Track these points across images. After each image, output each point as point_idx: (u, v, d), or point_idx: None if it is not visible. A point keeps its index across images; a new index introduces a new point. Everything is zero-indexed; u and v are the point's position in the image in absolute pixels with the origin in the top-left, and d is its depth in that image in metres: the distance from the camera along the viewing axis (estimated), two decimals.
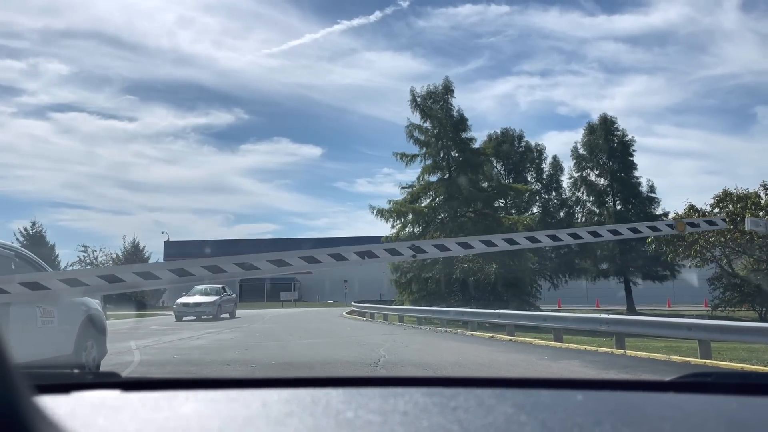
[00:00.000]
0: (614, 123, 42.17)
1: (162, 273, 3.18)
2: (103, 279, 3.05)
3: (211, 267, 3.37)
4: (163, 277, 3.18)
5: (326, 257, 3.46)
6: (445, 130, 32.55)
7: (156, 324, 23.09)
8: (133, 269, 3.05)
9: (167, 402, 1.14)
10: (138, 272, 3.10)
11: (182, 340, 14.63)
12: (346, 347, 12.66)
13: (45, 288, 3.07)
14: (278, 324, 22.32)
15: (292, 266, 3.68)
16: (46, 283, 3.08)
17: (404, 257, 3.93)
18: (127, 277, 3.10)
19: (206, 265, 3.35)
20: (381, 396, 1.14)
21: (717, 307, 28.66)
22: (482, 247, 4.18)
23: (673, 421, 1.06)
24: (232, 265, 3.44)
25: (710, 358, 10.05)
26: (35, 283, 3.12)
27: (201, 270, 3.32)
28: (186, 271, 3.27)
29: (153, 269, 3.16)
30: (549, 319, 14.90)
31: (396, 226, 32.78)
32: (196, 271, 3.32)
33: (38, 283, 3.10)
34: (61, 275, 3.27)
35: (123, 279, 3.09)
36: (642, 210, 41.26)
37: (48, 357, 6.91)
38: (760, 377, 1.41)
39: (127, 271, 3.00)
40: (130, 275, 3.08)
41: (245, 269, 3.48)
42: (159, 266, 3.10)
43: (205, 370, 8.98)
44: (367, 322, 25.16)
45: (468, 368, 9.31)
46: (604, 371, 8.81)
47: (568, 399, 1.17)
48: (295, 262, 3.67)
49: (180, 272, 3.25)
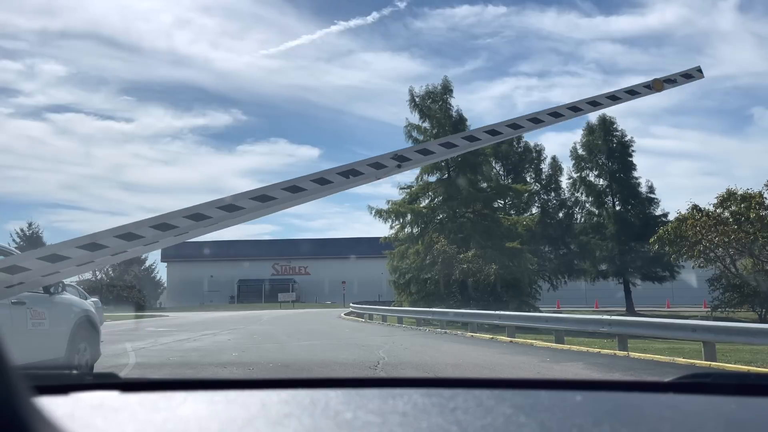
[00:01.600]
0: (613, 124, 42.18)
1: (144, 231, 3.05)
2: (83, 248, 2.90)
3: (194, 216, 3.23)
4: (147, 235, 3.04)
5: (311, 184, 3.30)
6: (444, 130, 32.52)
7: (153, 325, 23.07)
8: (113, 234, 2.88)
9: (166, 403, 1.14)
10: (119, 235, 2.96)
11: (179, 341, 14.61)
12: (345, 349, 12.65)
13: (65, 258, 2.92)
14: (276, 325, 22.31)
15: (277, 199, 3.49)
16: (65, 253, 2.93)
17: (389, 168, 3.79)
18: (108, 242, 2.95)
19: (188, 215, 3.18)
20: (380, 397, 1.13)
21: (717, 308, 28.67)
22: (466, 144, 3.99)
23: (672, 421, 1.06)
24: (215, 209, 3.27)
25: (715, 359, 9.98)
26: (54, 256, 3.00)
27: (184, 221, 3.16)
28: (169, 225, 3.13)
29: (134, 229, 3.01)
30: (550, 321, 14.86)
31: (395, 226, 32.78)
32: (179, 222, 3.16)
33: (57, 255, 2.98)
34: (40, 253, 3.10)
35: (105, 245, 2.94)
36: (641, 211, 41.28)
37: (39, 360, 6.85)
38: (759, 378, 1.41)
39: (107, 236, 2.85)
40: (112, 239, 2.93)
41: (230, 211, 3.30)
42: (139, 224, 2.93)
43: (202, 372, 8.97)
44: (366, 323, 25.15)
45: (469, 370, 9.30)
46: (607, 373, 8.77)
47: (566, 400, 1.17)
48: (280, 194, 3.50)
49: (163, 227, 3.11)
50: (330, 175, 3.60)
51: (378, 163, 3.77)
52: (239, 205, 3.28)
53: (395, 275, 31.65)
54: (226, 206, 3.28)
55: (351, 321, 26.69)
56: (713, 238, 23.56)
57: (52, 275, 2.78)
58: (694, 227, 23.89)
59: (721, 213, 24.40)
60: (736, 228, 23.32)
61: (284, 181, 3.50)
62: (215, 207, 3.18)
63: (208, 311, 43.18)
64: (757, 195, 24.01)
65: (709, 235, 23.50)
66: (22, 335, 6.66)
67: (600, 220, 41.43)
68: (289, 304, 50.63)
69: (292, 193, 3.52)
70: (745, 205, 23.73)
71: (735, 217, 23.93)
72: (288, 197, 3.43)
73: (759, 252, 23.78)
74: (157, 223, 2.99)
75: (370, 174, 3.70)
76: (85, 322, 7.95)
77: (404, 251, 31.22)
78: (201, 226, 3.19)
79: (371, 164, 3.71)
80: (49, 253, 3.00)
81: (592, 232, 41.02)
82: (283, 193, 3.41)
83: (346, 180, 3.63)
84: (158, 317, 33.18)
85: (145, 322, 27.25)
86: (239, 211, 3.25)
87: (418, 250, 30.31)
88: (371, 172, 3.69)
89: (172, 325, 23.39)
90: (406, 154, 3.91)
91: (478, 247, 28.80)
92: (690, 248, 24.65)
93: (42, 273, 2.97)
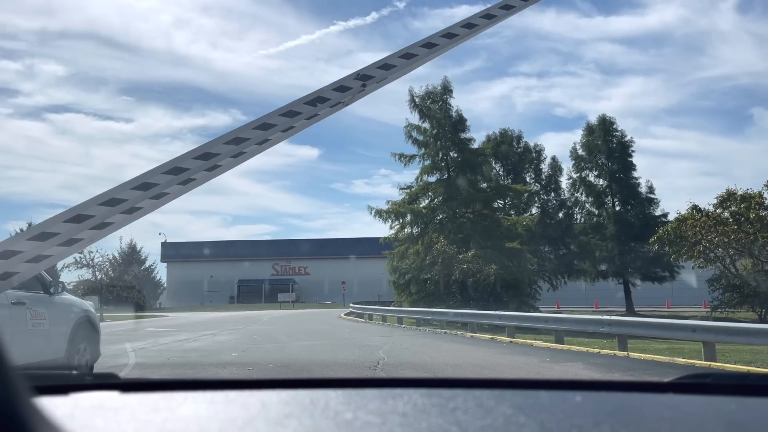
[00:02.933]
0: (613, 124, 42.20)
1: (126, 194, 2.96)
2: (70, 222, 2.84)
3: (173, 170, 3.13)
4: (131, 198, 2.96)
5: (279, 118, 3.18)
6: (444, 131, 32.57)
7: (152, 326, 23.07)
8: (97, 202, 2.81)
9: (166, 403, 1.14)
10: (103, 202, 2.89)
11: (179, 342, 14.61)
12: (345, 349, 12.66)
13: None
14: (276, 326, 22.31)
15: (251, 139, 3.38)
16: None
17: (353, 90, 3.73)
18: (94, 211, 2.88)
19: (167, 170, 3.08)
20: (380, 397, 1.14)
21: (716, 308, 28.68)
22: (425, 52, 3.84)
23: (672, 421, 1.06)
24: (191, 161, 3.15)
25: (715, 360, 9.98)
26: None
27: (164, 177, 3.05)
28: (150, 184, 3.04)
29: (116, 193, 2.92)
30: (550, 321, 14.86)
31: (395, 227, 32.80)
32: (160, 179, 3.06)
33: None
34: None
35: (91, 214, 2.87)
36: (641, 211, 41.29)
37: (39, 360, 6.85)
38: (759, 378, 1.41)
39: (92, 205, 2.78)
40: (96, 207, 2.86)
41: (206, 160, 3.20)
42: (121, 188, 2.84)
43: (202, 372, 8.97)
44: (366, 323, 25.15)
45: (469, 371, 9.30)
46: (607, 373, 8.78)
47: (566, 400, 1.18)
48: (252, 134, 3.38)
49: (144, 186, 3.02)
50: (297, 106, 3.48)
51: (342, 86, 3.72)
52: (214, 152, 3.16)
53: (395, 275, 31.66)
54: (202, 155, 3.15)
55: (351, 321, 26.69)
56: (713, 239, 23.56)
57: (48, 259, 2.73)
58: (694, 227, 23.91)
59: (721, 213, 24.41)
60: (735, 228, 23.33)
61: (254, 120, 3.36)
62: (191, 158, 3.07)
63: (207, 311, 43.19)
64: (756, 195, 24.02)
65: (709, 235, 23.51)
66: (22, 335, 6.65)
67: (600, 221, 41.44)
68: (289, 304, 50.63)
69: (264, 131, 3.35)
70: (744, 206, 23.74)
71: (735, 218, 23.94)
72: (259, 135, 3.29)
73: (759, 252, 23.79)
74: (137, 183, 2.92)
75: (336, 98, 3.61)
76: (85, 323, 7.95)
77: (404, 251, 31.23)
78: (203, 168, 3.08)
79: (335, 88, 3.66)
80: (37, 232, 2.94)
81: (592, 233, 41.03)
82: (255, 132, 3.28)
83: (313, 108, 3.53)
84: (158, 317, 33.18)
85: (145, 322, 27.25)
86: (215, 158, 3.14)
87: (417, 250, 30.32)
88: (336, 96, 3.61)
89: (171, 325, 23.39)
90: (368, 72, 3.89)
91: (477, 248, 28.80)
92: (690, 248, 24.66)
93: (35, 254, 2.92)
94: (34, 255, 2.87)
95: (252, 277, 64.52)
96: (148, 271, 61.77)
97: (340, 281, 58.26)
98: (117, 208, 3.09)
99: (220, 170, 3.34)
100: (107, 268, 46.93)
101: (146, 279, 58.87)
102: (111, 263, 51.11)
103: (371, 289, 50.84)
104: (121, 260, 55.90)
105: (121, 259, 56.26)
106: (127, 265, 54.76)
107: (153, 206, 3.14)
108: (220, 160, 3.38)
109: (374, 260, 47.55)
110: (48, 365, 6.76)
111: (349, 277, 58.39)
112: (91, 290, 39.35)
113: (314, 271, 65.54)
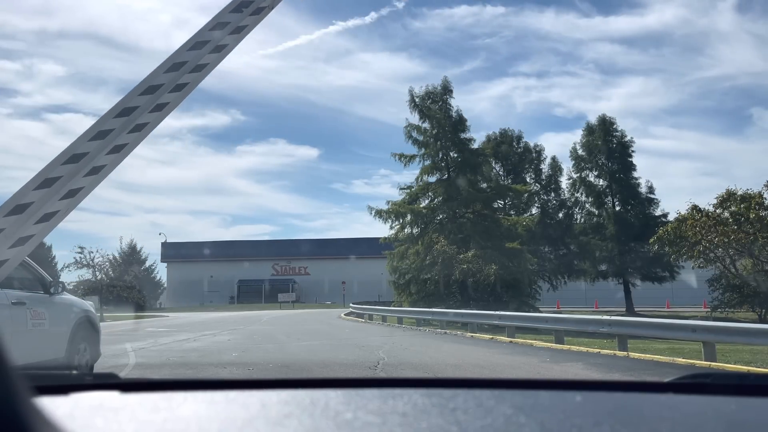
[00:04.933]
0: (613, 124, 42.18)
1: (85, 147, 2.88)
2: (40, 188, 2.78)
3: (99, 133, 3.06)
4: (90, 150, 2.88)
5: (164, 77, 3.05)
6: (444, 131, 32.57)
7: (152, 326, 23.07)
8: (59, 162, 2.74)
9: (166, 403, 1.14)
10: (66, 160, 2.84)
11: (179, 342, 14.61)
12: (345, 349, 12.65)
13: None
14: (276, 326, 22.31)
15: (170, 104, 3.27)
16: None
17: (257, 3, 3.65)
18: (60, 171, 2.82)
19: (92, 137, 3.01)
20: (380, 397, 1.14)
21: (716, 308, 28.68)
22: None
23: (672, 421, 1.06)
24: (147, 115, 3.05)
25: (715, 360, 9.98)
26: None
27: (91, 144, 2.95)
28: (79, 155, 2.97)
29: (76, 148, 2.85)
30: (550, 321, 14.85)
31: (395, 227, 32.79)
32: (87, 147, 2.97)
33: None
34: None
35: (58, 175, 2.82)
36: (641, 211, 41.28)
37: (39, 360, 6.85)
38: (758, 378, 1.41)
39: (55, 165, 2.71)
40: (60, 167, 2.81)
41: (139, 131, 3.09)
42: (78, 142, 2.75)
43: (202, 372, 8.97)
44: (366, 323, 25.15)
45: (469, 371, 9.30)
46: (607, 373, 8.78)
47: (566, 400, 1.18)
48: (171, 98, 3.28)
49: (100, 135, 2.93)
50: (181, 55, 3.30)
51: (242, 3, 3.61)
52: (143, 122, 3.09)
53: (395, 275, 31.66)
54: (131, 123, 3.02)
55: (351, 321, 26.69)
56: (713, 239, 23.56)
57: (31, 239, 2.71)
58: (694, 227, 23.91)
59: (721, 213, 24.39)
60: (735, 228, 23.32)
61: (164, 64, 3.16)
62: (147, 111, 2.98)
63: (208, 311, 43.19)
64: (756, 195, 24.01)
65: (709, 235, 23.50)
66: (22, 335, 6.65)
67: (600, 221, 41.42)
68: (289, 304, 50.62)
69: (150, 94, 3.21)
70: (744, 206, 23.73)
71: (735, 218, 23.92)
72: (172, 81, 3.15)
73: (759, 252, 23.79)
74: (69, 155, 2.87)
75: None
76: (85, 323, 7.95)
77: (404, 252, 31.23)
78: (149, 109, 2.95)
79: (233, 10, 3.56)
80: (12, 206, 2.89)
81: (592, 233, 41.02)
82: (167, 76, 3.19)
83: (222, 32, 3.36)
84: (158, 317, 33.18)
85: (145, 322, 27.25)
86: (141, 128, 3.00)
87: (417, 250, 30.32)
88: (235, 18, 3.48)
89: (171, 325, 23.39)
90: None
91: (477, 248, 28.80)
92: (690, 248, 24.66)
93: (15, 230, 2.87)
94: (15, 236, 2.84)
95: (252, 277, 64.52)
96: (148, 271, 61.78)
97: (340, 281, 58.26)
98: (80, 165, 3.06)
99: (167, 109, 3.20)
100: (107, 269, 46.92)
101: (146, 279, 58.87)
102: (111, 263, 51.10)
103: (371, 289, 50.85)
104: (122, 260, 55.90)
105: (122, 259, 56.25)
106: (128, 265, 54.76)
107: (114, 161, 3.09)
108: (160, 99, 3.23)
109: (374, 260, 47.55)
110: (48, 365, 6.76)
111: (349, 277, 58.39)
112: (91, 290, 39.32)
113: (314, 271, 65.54)
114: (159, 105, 3.15)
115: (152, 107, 3.11)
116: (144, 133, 3.23)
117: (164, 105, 3.23)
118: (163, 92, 3.14)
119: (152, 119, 3.20)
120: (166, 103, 3.23)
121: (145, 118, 3.07)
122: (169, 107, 3.26)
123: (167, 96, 3.14)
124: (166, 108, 3.24)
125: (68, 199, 3.08)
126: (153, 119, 3.21)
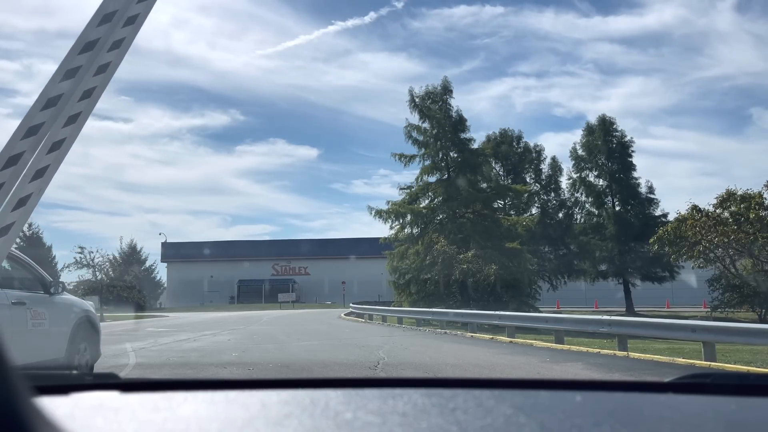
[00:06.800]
0: (613, 124, 42.19)
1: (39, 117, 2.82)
2: (5, 169, 2.76)
3: (32, 129, 3.00)
4: (61, 134, 2.86)
5: (81, 58, 2.97)
6: (444, 131, 32.57)
7: (153, 326, 23.07)
8: (17, 138, 2.74)
9: (166, 403, 1.14)
10: (23, 136, 2.81)
11: (179, 342, 14.61)
12: (345, 349, 12.66)
13: None
14: (276, 326, 22.31)
15: (98, 87, 3.18)
16: None
17: None
18: (21, 147, 2.80)
19: (26, 132, 2.98)
20: (380, 397, 1.14)
21: (716, 308, 28.68)
22: None
23: (672, 422, 1.06)
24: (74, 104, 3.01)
25: (715, 360, 9.98)
26: None
27: None
28: (53, 98, 2.91)
29: (30, 122, 2.83)
30: (550, 321, 14.86)
31: (395, 227, 32.80)
32: (60, 87, 2.88)
33: None
34: None
35: (20, 150, 2.80)
36: (641, 211, 41.28)
37: (39, 360, 6.85)
38: (759, 378, 1.41)
39: (14, 141, 2.69)
40: (19, 143, 2.78)
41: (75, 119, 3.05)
42: (31, 113, 2.75)
43: (202, 372, 8.97)
44: (366, 323, 25.15)
45: (469, 371, 9.30)
46: (607, 373, 8.78)
47: (566, 400, 1.18)
48: (97, 81, 3.21)
49: (50, 103, 2.89)
50: None
51: None
52: (76, 112, 3.03)
53: (395, 276, 31.66)
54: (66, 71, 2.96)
55: (351, 321, 26.69)
56: (713, 239, 23.57)
57: (14, 225, 2.69)
58: (694, 227, 23.92)
59: (721, 213, 24.40)
60: (735, 228, 23.33)
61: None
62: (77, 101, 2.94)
63: (208, 311, 43.19)
64: (756, 195, 24.02)
65: (709, 235, 23.51)
66: (22, 335, 6.66)
67: (600, 221, 41.43)
68: (289, 304, 50.62)
69: (68, 75, 3.06)
70: (744, 206, 23.74)
71: (735, 218, 23.94)
72: None
73: (759, 252, 23.80)
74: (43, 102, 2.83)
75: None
76: (86, 323, 7.95)
77: (404, 252, 31.23)
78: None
79: None
80: None
81: (592, 233, 41.03)
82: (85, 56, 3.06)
83: None
84: (158, 317, 33.18)
85: (145, 322, 27.25)
86: None
87: (417, 250, 30.33)
88: None
89: (172, 325, 23.39)
90: None
91: (477, 248, 28.81)
92: (690, 248, 24.67)
93: None
94: None
95: (252, 277, 64.53)
96: (148, 271, 61.80)
97: (340, 281, 58.27)
98: (38, 137, 3.00)
99: None
100: (107, 268, 46.98)
101: (146, 279, 58.89)
102: (111, 263, 51.15)
103: (371, 289, 50.86)
104: (122, 260, 55.93)
105: (122, 259, 56.28)
106: (128, 265, 54.78)
107: (73, 133, 3.01)
108: None
109: (374, 260, 47.55)
110: (48, 365, 6.77)
111: (349, 277, 58.40)
112: (91, 290, 39.35)
113: (314, 271, 65.55)
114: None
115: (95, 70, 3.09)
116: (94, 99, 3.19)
117: (106, 66, 3.21)
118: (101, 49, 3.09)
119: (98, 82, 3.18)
120: (108, 62, 3.21)
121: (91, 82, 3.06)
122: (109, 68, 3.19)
123: (106, 55, 3.13)
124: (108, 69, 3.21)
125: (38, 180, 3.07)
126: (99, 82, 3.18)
